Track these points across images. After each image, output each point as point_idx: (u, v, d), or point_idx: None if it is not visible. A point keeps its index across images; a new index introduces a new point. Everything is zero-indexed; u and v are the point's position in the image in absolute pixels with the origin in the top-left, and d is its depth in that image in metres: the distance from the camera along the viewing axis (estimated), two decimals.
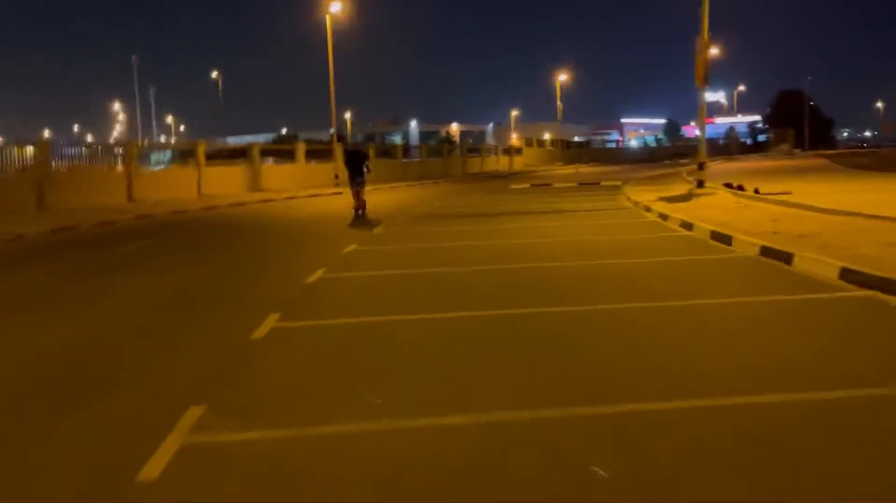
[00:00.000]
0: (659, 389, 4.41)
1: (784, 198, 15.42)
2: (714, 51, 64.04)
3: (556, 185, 29.54)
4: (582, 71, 75.43)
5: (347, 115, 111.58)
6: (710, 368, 4.82)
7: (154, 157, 45.35)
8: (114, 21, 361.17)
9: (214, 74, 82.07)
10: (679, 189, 21.03)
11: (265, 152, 37.05)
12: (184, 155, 36.10)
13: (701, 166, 17.95)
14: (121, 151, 28.63)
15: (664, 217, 13.89)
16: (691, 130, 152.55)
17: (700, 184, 17.60)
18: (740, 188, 17.21)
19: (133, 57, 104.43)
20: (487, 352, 5.55)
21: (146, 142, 71.35)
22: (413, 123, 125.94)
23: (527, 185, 30.32)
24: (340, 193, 31.37)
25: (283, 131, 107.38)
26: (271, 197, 27.84)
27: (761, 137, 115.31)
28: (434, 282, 8.58)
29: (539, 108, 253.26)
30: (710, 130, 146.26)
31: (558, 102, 77.09)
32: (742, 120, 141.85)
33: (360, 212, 16.93)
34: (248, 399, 4.59)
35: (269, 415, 4.27)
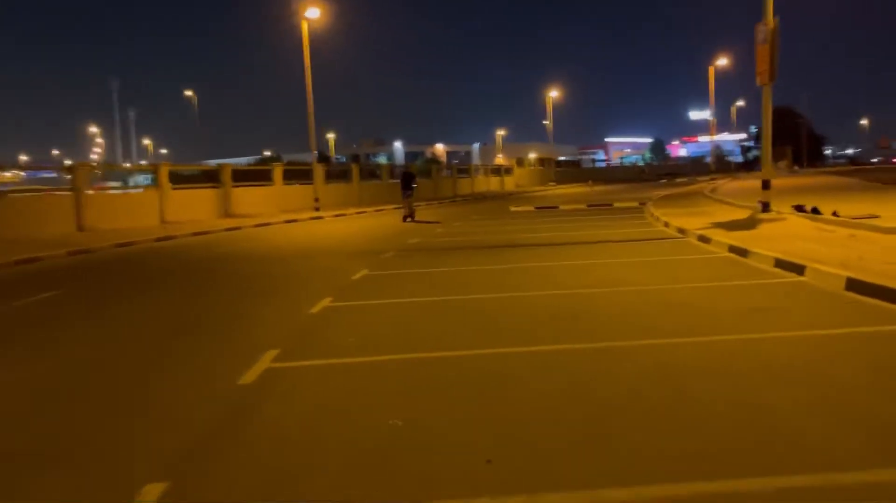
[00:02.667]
0: None
1: (875, 222, 12.23)
2: (723, 61, 61.62)
3: (564, 208, 26.25)
4: (567, 90, 72.54)
5: (331, 136, 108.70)
6: None
7: (136, 179, 42.01)
8: (98, 44, 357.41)
9: (189, 93, 78.16)
10: (725, 212, 17.77)
11: (239, 174, 33.60)
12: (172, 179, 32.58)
13: (766, 185, 14.61)
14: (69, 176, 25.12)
15: (741, 252, 10.56)
16: (676, 149, 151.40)
17: (765, 207, 14.28)
18: (815, 211, 13.99)
19: (111, 81, 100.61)
20: None
21: (99, 163, 67.21)
22: (398, 144, 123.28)
23: (529, 208, 27.00)
24: (321, 218, 27.98)
25: (267, 153, 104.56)
26: (241, 224, 24.38)
27: (752, 154, 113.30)
28: (445, 385, 5.16)
29: (523, 128, 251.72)
30: (695, 149, 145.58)
31: (549, 121, 74.18)
32: (728, 138, 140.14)
33: (408, 219, 22.34)
34: None
35: None
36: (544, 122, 76.08)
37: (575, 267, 10.57)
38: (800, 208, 14.44)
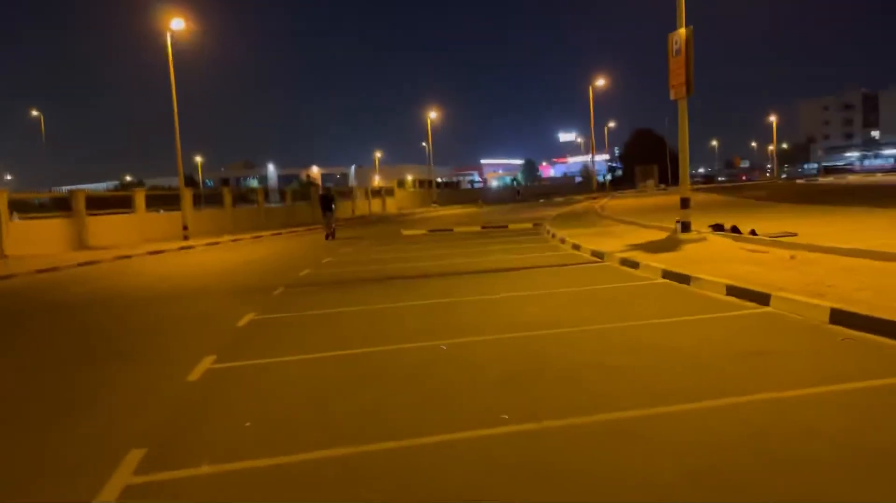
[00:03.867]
0: None
1: (794, 240, 11.73)
2: (600, 82, 63.28)
3: (458, 230, 25.01)
4: (441, 111, 72.33)
5: (198, 159, 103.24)
6: None
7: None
8: None
9: (35, 112, 71.21)
10: (635, 232, 17.04)
11: (95, 201, 30.09)
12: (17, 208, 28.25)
13: (685, 203, 13.86)
14: None
15: (681, 279, 9.54)
16: (547, 170, 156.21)
17: (685, 227, 13.52)
18: (734, 230, 13.41)
19: None
20: None
21: None
22: (270, 167, 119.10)
23: (422, 231, 25.53)
24: (191, 247, 25.23)
25: (128, 179, 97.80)
26: (98, 257, 21.33)
27: (618, 174, 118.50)
28: None
29: (397, 149, 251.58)
30: (564, 169, 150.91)
31: (428, 143, 73.53)
32: (597, 159, 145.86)
33: (329, 237, 24.21)
34: None
35: None
36: (422, 144, 75.69)
37: (503, 301, 9.15)
38: (718, 227, 13.86)
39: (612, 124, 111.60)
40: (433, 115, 69.92)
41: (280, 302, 10.39)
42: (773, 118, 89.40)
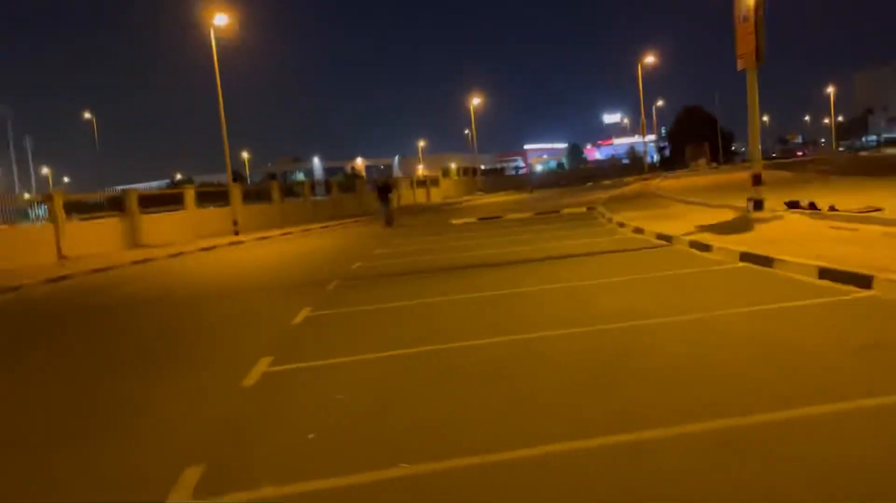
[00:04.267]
0: None
1: (882, 215, 10.83)
2: (649, 59, 61.59)
3: (508, 217, 24.40)
4: (483, 98, 71.24)
5: (245, 155, 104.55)
6: None
7: (39, 212, 37.85)
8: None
9: (88, 115, 72.92)
10: (700, 213, 16.16)
11: (147, 200, 30.45)
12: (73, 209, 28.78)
13: (757, 179, 12.94)
14: None
15: (764, 261, 8.79)
16: (592, 153, 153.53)
17: (758, 205, 12.66)
18: (812, 206, 12.52)
19: (4, 109, 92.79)
20: None
21: None
22: (316, 160, 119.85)
23: (472, 220, 25.01)
24: (241, 243, 25.22)
25: (178, 177, 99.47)
26: (151, 255, 21.42)
27: (667, 154, 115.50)
28: None
29: (440, 138, 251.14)
30: (610, 151, 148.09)
31: (472, 130, 72.72)
32: (639, 140, 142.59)
33: (389, 224, 25.01)
34: None
35: None
36: (465, 132, 74.80)
37: (570, 291, 8.57)
38: (793, 204, 12.96)
39: (660, 103, 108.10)
40: (476, 100, 69.08)
41: (335, 296, 10.01)
42: (830, 89, 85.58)
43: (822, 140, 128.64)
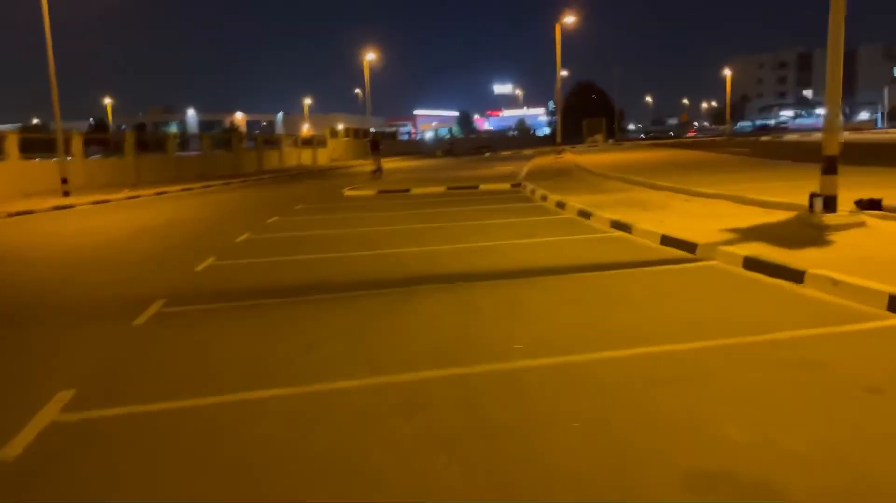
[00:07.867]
0: None
1: None
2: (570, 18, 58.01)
3: (416, 191, 19.60)
4: (376, 59, 65.04)
5: (107, 101, 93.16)
6: None
7: None
8: None
9: None
10: (713, 207, 12.06)
11: None
12: None
13: (831, 166, 8.11)
14: None
15: None
16: (482, 122, 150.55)
17: (829, 203, 8.19)
18: (873, 206, 8.58)
19: None
20: None
21: None
22: (191, 112, 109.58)
23: (370, 192, 20.02)
24: (70, 206, 19.15)
25: (36, 122, 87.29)
26: None
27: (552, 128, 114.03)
28: None
29: (328, 97, 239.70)
30: (498, 122, 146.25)
31: (366, 90, 66.60)
32: (528, 112, 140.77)
33: (377, 171, 28.34)
34: None
35: None
36: (356, 91, 68.77)
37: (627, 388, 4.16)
38: (872, 204, 8.73)
39: (564, 73, 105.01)
40: (371, 56, 63.18)
41: (123, 358, 5.09)
42: (727, 72, 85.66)
43: (705, 123, 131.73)
